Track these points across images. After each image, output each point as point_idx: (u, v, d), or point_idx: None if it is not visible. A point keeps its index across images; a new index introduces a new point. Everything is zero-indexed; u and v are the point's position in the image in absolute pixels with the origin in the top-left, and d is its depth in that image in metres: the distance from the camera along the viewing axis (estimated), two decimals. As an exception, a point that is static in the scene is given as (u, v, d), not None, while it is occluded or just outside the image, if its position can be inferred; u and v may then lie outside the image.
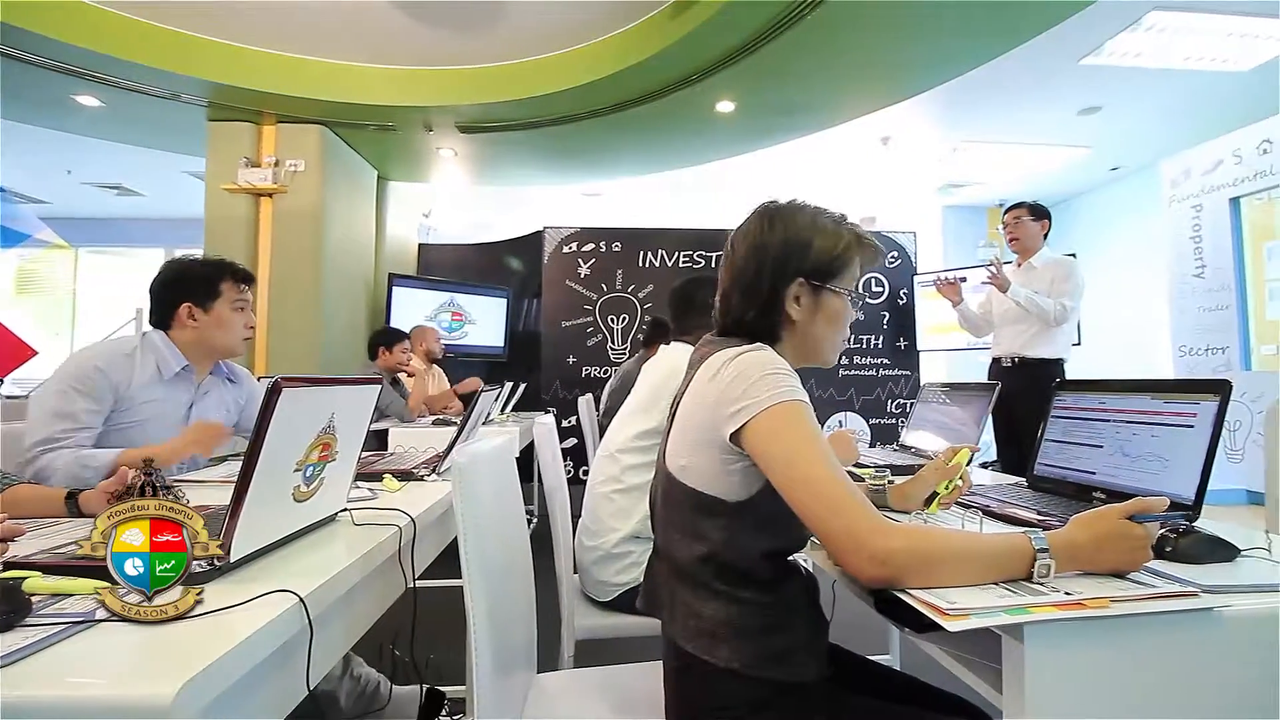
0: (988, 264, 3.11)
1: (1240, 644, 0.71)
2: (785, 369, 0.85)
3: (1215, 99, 4.44)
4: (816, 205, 0.99)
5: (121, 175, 6.27)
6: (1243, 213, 4.69)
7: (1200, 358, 4.79)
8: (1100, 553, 0.76)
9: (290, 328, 4.24)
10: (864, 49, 3.39)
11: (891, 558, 0.73)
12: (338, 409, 0.94)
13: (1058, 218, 7.55)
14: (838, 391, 5.88)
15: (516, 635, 1.03)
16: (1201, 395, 1.07)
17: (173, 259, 1.61)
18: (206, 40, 3.82)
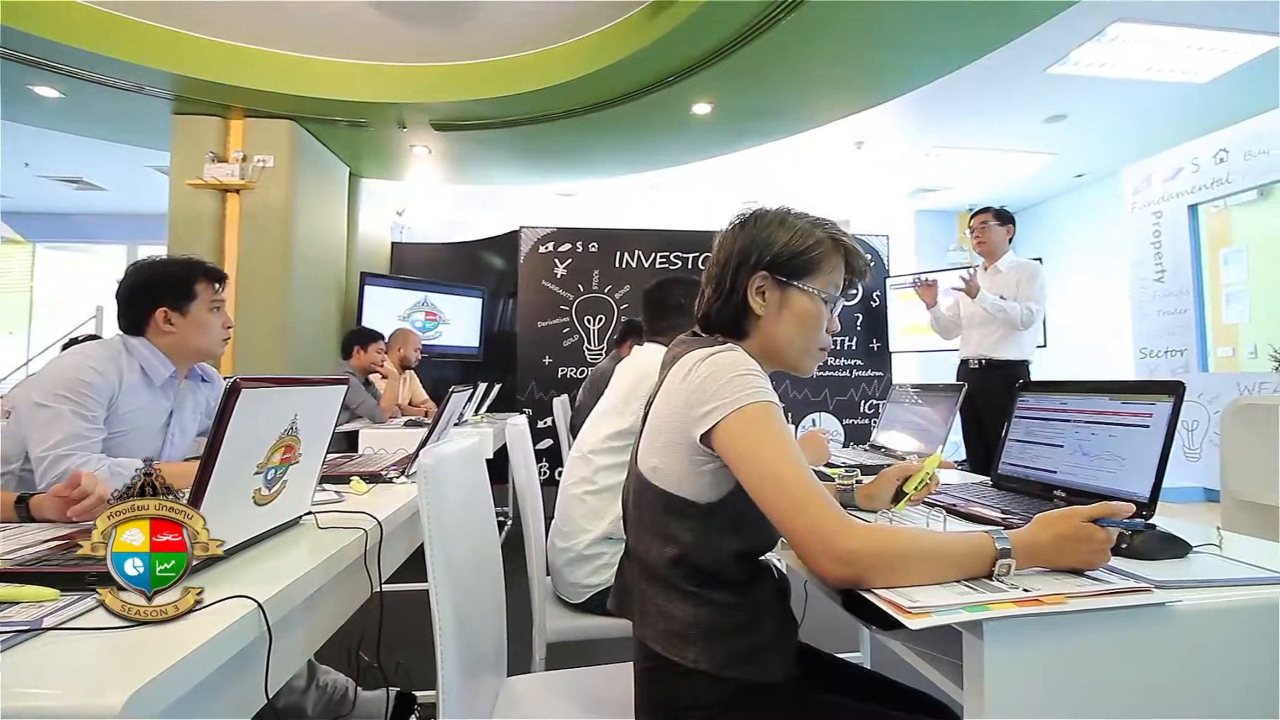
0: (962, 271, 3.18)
1: (1192, 637, 0.73)
2: (755, 370, 0.85)
3: (1175, 109, 4.58)
4: (800, 210, 0.99)
5: (82, 169, 6.09)
6: (1200, 219, 4.85)
7: (1160, 359, 4.94)
8: (1060, 552, 0.78)
9: (257, 327, 4.15)
10: (838, 55, 3.44)
11: (856, 558, 0.74)
12: (301, 410, 0.93)
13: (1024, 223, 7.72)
14: (812, 392, 5.94)
15: (485, 638, 1.02)
16: (1156, 396, 1.10)
17: (140, 261, 1.54)
18: (172, 32, 3.72)
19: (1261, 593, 0.78)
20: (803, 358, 0.98)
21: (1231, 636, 0.75)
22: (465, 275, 5.92)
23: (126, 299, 1.49)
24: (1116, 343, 5.56)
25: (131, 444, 1.41)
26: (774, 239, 0.95)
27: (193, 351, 1.52)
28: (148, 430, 1.46)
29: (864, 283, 1.01)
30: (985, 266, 3.22)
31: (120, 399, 1.40)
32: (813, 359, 0.98)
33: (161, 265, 1.54)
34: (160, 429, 1.49)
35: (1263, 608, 0.76)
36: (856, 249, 0.98)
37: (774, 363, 0.99)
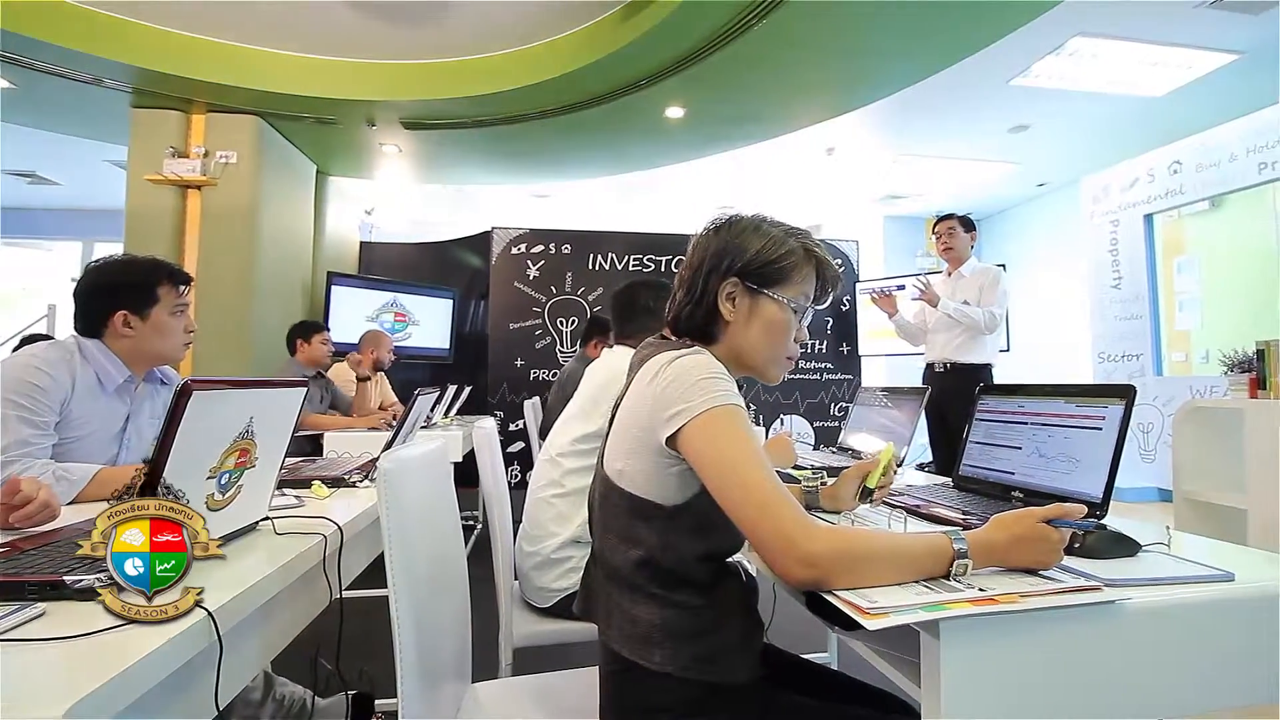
0: (917, 280, 3.24)
1: (1141, 634, 0.76)
2: (721, 373, 0.86)
3: (1132, 121, 4.74)
4: (775, 218, 0.99)
5: (35, 163, 5.87)
6: (1155, 228, 5.02)
7: (1117, 364, 5.10)
8: (1016, 552, 0.80)
9: (218, 328, 4.03)
10: (809, 63, 3.48)
11: (819, 561, 0.74)
12: (257, 413, 0.90)
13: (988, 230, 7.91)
14: (783, 395, 6.00)
15: (448, 644, 1.00)
16: (1109, 400, 1.13)
17: (100, 260, 1.48)
18: (131, 22, 3.61)
19: (1207, 590, 0.81)
20: (770, 366, 0.98)
21: (1179, 633, 0.77)
22: (436, 276, 5.85)
23: (84, 300, 1.43)
24: (1076, 347, 5.73)
25: (85, 450, 1.35)
26: (747, 246, 0.95)
27: (151, 356, 1.47)
28: (102, 436, 1.40)
29: (834, 293, 1.02)
30: (949, 272, 3.29)
31: (72, 403, 1.35)
32: (780, 367, 0.99)
33: (122, 265, 1.48)
34: (116, 435, 1.43)
35: (1208, 604, 0.79)
36: (828, 260, 0.99)
37: (742, 369, 0.99)
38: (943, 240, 3.25)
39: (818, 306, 1.01)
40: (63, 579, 0.71)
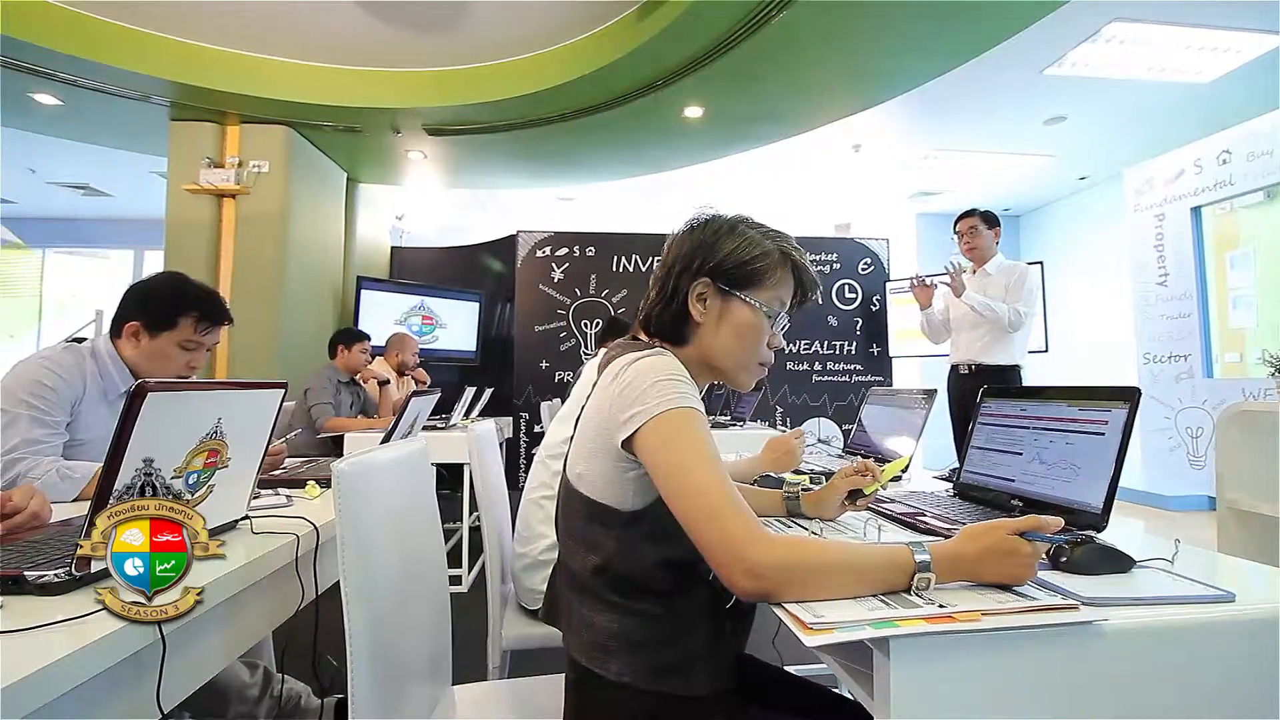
0: (946, 263, 3.13)
1: (1121, 659, 0.69)
2: (680, 375, 0.83)
3: (1177, 110, 4.51)
4: (754, 219, 0.97)
5: (88, 175, 6.17)
6: (1204, 222, 4.76)
7: (1164, 364, 4.85)
8: (984, 566, 0.75)
9: (251, 330, 4.18)
10: (826, 58, 3.41)
11: (765, 572, 0.71)
12: (226, 414, 0.92)
13: (1028, 226, 7.63)
14: (811, 397, 5.91)
15: (418, 646, 1.00)
16: (1112, 403, 1.06)
17: (169, 271, 1.53)
18: (168, 39, 3.77)
19: (1202, 611, 0.73)
20: (739, 371, 0.95)
21: (1164, 659, 0.70)
22: (463, 279, 5.94)
23: (121, 297, 1.48)
24: (1121, 348, 5.48)
25: (85, 456, 1.40)
26: (720, 246, 0.93)
27: (145, 374, 1.49)
28: (102, 444, 1.45)
29: (814, 297, 0.98)
30: (974, 271, 3.17)
31: (83, 405, 1.40)
32: (750, 374, 0.96)
33: (168, 281, 1.51)
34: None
35: (1200, 627, 0.72)
36: (807, 265, 0.95)
37: (711, 373, 0.97)
38: (965, 239, 3.14)
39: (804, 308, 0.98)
40: (24, 573, 0.73)
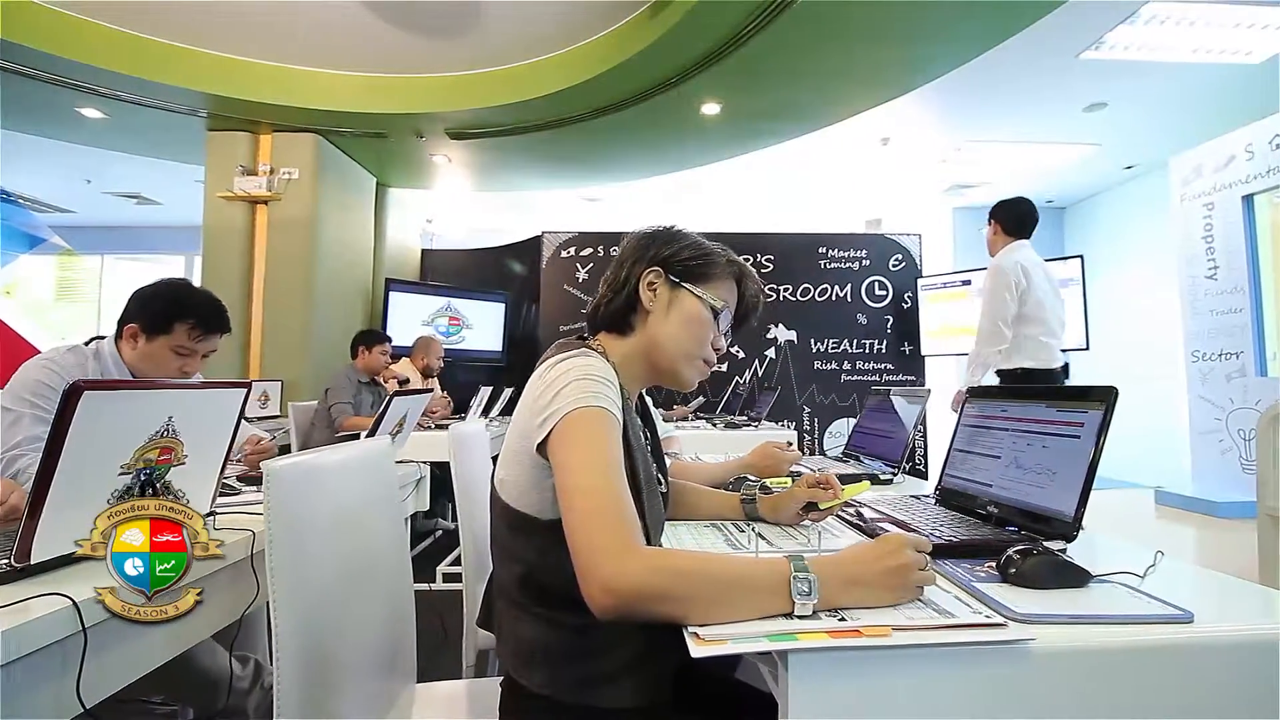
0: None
1: (1051, 681, 0.64)
2: (597, 376, 0.81)
3: (1225, 93, 4.26)
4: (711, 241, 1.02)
5: (139, 184, 6.48)
6: (1256, 211, 4.47)
7: (1213, 363, 4.57)
8: (863, 567, 0.69)
9: (282, 332, 4.33)
10: (840, 49, 3.33)
11: (621, 590, 0.65)
12: (178, 413, 0.94)
13: (1073, 218, 7.30)
14: (840, 397, 5.79)
15: (359, 645, 1.01)
16: (1089, 404, 1.00)
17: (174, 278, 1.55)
18: (201, 53, 3.93)
19: (1150, 632, 0.67)
20: (683, 363, 0.95)
21: (1102, 682, 0.65)
22: (491, 280, 6.02)
23: (127, 301, 1.52)
24: (1168, 345, 5.20)
25: None
26: (674, 242, 0.99)
27: (140, 377, 1.51)
28: None
29: (755, 316, 1.04)
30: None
31: None
32: (694, 369, 0.96)
33: (171, 286, 1.53)
34: None
35: (1145, 650, 0.66)
36: (753, 275, 1.02)
37: (654, 367, 0.96)
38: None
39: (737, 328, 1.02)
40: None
